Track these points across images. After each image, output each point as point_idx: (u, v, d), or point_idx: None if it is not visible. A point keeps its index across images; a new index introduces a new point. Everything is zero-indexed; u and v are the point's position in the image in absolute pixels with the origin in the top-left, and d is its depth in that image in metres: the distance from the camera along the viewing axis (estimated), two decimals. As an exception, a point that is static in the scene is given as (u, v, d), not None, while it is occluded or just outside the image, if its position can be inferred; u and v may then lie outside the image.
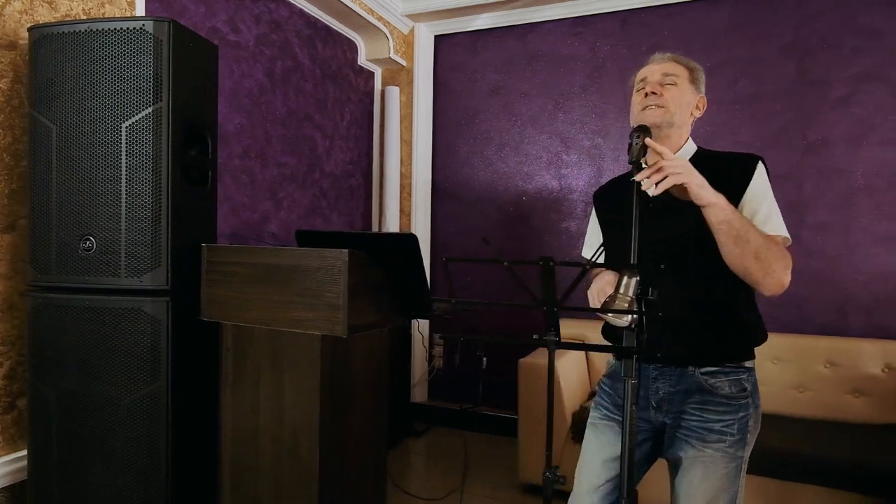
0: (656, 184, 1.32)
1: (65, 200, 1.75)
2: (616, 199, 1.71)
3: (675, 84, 1.56)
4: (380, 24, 3.74)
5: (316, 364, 1.61)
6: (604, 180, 2.08)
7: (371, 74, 4.07)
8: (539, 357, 3.00)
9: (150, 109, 1.71)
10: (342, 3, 3.43)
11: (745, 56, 3.31)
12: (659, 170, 1.33)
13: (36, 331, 1.79)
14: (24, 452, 1.93)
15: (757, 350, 1.54)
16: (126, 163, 1.72)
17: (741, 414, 1.48)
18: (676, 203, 1.54)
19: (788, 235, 1.47)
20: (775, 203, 1.48)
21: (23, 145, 1.99)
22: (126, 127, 1.71)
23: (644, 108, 1.54)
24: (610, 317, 1.31)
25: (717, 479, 1.47)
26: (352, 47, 3.87)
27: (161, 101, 1.72)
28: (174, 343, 1.74)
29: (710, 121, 3.30)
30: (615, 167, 3.56)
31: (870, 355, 2.90)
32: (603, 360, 2.24)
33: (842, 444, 2.55)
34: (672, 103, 1.54)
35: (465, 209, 3.99)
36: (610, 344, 1.60)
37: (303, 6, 3.42)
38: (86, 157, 1.73)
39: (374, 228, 4.07)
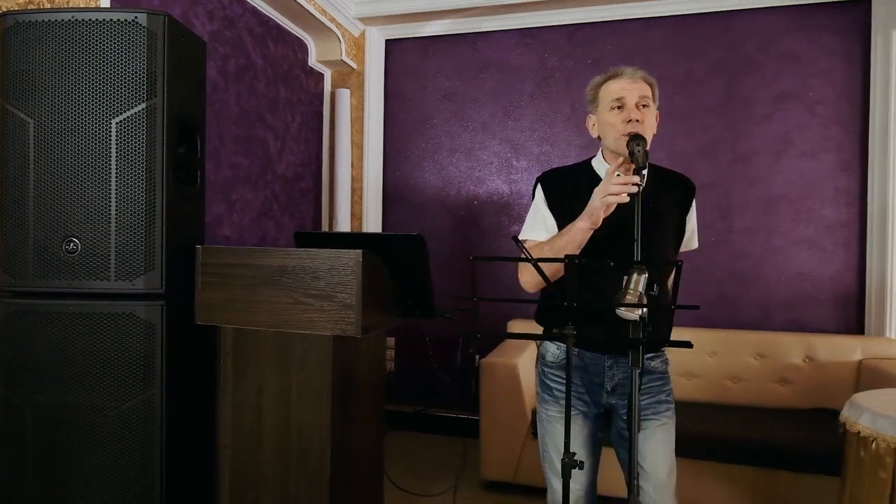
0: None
1: (44, 199, 1.64)
2: (564, 188, 1.79)
3: (647, 106, 1.67)
4: (332, 26, 3.71)
5: (327, 365, 1.60)
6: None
7: (321, 76, 4.02)
8: (500, 356, 3.08)
9: (143, 105, 1.64)
10: (295, 1, 3.37)
11: (680, 73, 3.58)
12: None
13: (9, 339, 1.65)
14: (-10, 471, 1.78)
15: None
16: (116, 160, 1.63)
17: (670, 385, 1.76)
18: (655, 210, 1.68)
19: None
20: None
21: (-18, 139, 1.83)
22: (116, 123, 1.63)
23: (626, 134, 1.59)
24: (622, 310, 1.42)
25: (671, 448, 1.70)
26: (302, 47, 3.82)
27: (155, 97, 1.65)
28: (169, 349, 1.67)
29: (648, 132, 3.54)
30: (563, 173, 3.73)
31: (792, 347, 3.22)
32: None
33: (771, 428, 2.82)
34: (647, 130, 1.65)
35: (416, 212, 4.03)
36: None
37: (256, 4, 3.34)
38: (69, 154, 1.63)
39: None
